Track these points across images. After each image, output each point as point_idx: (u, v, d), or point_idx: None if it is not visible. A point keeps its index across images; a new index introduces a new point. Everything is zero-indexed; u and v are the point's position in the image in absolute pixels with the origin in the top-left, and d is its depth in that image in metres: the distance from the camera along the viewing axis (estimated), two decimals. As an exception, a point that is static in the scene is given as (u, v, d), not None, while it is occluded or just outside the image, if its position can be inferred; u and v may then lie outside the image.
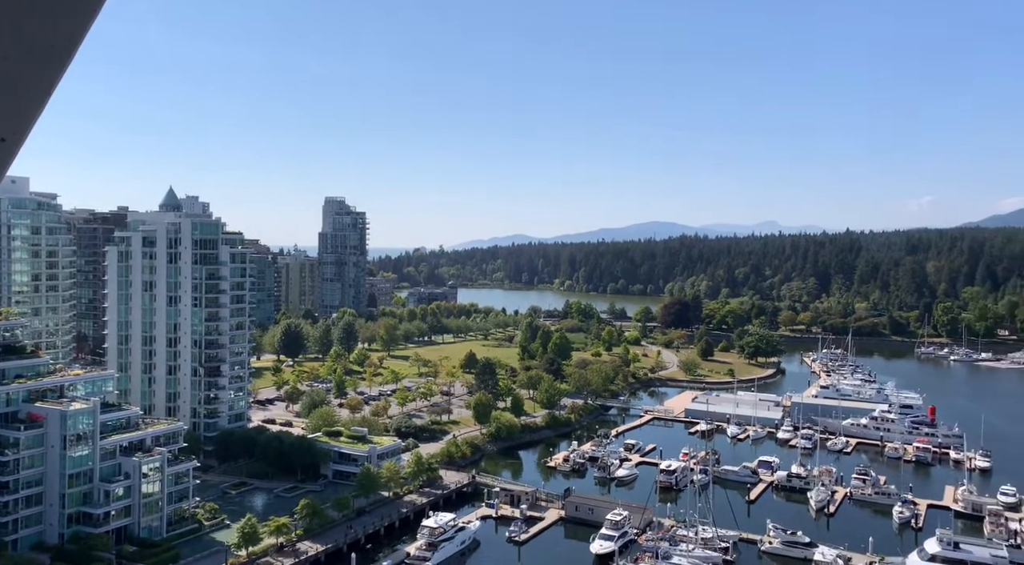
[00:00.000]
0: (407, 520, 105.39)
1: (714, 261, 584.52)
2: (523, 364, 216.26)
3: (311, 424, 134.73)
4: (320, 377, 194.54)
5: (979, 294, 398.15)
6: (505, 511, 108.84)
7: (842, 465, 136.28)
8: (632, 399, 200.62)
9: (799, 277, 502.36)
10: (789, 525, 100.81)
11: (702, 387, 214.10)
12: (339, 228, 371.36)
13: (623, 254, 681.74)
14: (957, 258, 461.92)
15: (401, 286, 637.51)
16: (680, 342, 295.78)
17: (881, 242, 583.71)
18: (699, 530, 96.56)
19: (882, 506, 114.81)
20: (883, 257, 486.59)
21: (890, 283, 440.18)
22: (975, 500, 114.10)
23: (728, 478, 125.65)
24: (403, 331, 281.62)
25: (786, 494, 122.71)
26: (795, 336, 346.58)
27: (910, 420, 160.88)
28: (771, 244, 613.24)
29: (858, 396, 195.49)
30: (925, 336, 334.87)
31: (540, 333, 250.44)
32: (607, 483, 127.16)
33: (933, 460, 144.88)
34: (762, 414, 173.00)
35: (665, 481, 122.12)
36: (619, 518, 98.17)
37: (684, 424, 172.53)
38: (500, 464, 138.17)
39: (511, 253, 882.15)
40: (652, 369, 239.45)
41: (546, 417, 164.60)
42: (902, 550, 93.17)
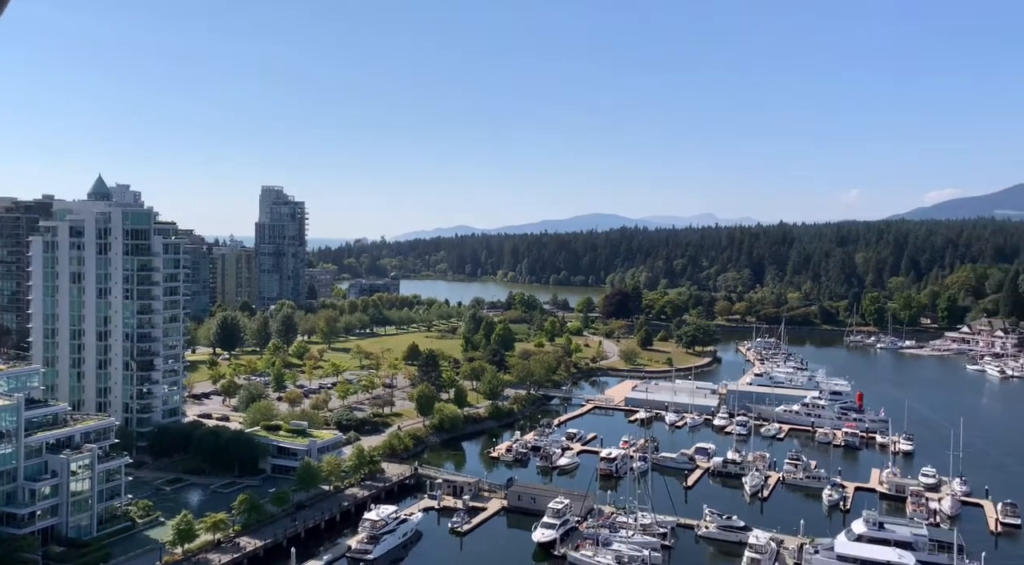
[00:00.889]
0: (348, 513, 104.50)
1: (653, 252, 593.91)
2: (466, 355, 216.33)
3: (249, 418, 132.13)
4: (258, 370, 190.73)
5: (904, 284, 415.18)
6: (448, 502, 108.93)
7: (775, 450, 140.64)
8: (574, 389, 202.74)
9: (735, 268, 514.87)
10: (725, 510, 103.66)
11: (642, 376, 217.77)
12: (277, 218, 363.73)
13: (565, 245, 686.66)
14: (884, 249, 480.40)
15: (342, 278, 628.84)
16: (621, 332, 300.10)
17: (813, 234, 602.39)
18: (638, 516, 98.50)
19: (813, 489, 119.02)
20: (814, 248, 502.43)
21: (821, 274, 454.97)
22: (899, 482, 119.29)
23: (666, 465, 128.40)
24: (344, 323, 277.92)
25: (722, 479, 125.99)
26: (731, 325, 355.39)
27: (839, 406, 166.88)
28: (708, 236, 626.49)
29: (790, 383, 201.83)
30: (854, 325, 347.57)
31: (483, 324, 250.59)
32: (549, 472, 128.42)
33: (861, 444, 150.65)
34: (699, 402, 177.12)
35: (606, 469, 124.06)
36: (560, 506, 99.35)
37: (624, 413, 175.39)
38: (443, 456, 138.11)
39: (454, 244, 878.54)
40: (593, 359, 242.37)
41: (489, 408, 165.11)
42: (831, 531, 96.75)
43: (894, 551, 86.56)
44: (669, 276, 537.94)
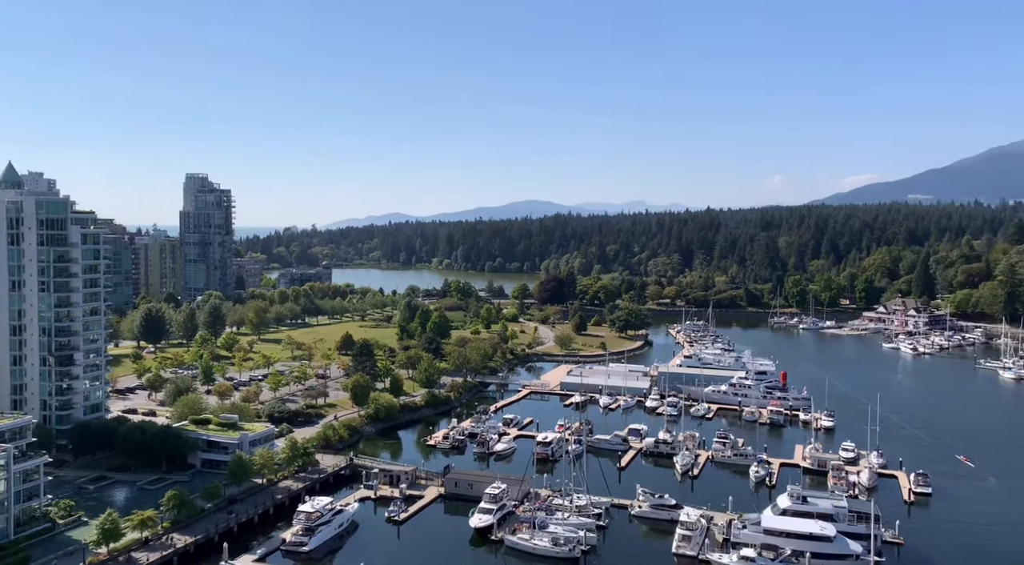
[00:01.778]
0: (282, 506, 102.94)
1: (587, 239, 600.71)
2: (402, 344, 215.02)
3: (176, 412, 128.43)
4: (185, 363, 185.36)
5: (824, 267, 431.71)
6: (384, 492, 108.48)
7: (704, 430, 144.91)
8: (510, 375, 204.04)
9: (665, 253, 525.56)
10: (657, 489, 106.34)
11: (576, 361, 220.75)
12: (202, 206, 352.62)
13: (500, 233, 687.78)
14: (805, 234, 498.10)
15: (271, 267, 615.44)
16: (556, 318, 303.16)
17: (738, 219, 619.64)
18: (574, 498, 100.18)
19: (740, 466, 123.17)
20: (740, 233, 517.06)
21: (746, 258, 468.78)
22: (820, 457, 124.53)
23: (601, 447, 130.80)
24: (274, 314, 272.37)
25: (654, 460, 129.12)
26: (661, 309, 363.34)
27: (765, 385, 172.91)
28: (639, 222, 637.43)
29: (718, 364, 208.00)
30: (777, 307, 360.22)
31: (419, 312, 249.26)
32: (486, 458, 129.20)
33: (785, 422, 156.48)
34: (632, 384, 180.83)
35: (542, 453, 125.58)
36: (497, 491, 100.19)
37: (560, 397, 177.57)
38: (379, 445, 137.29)
39: (388, 232, 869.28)
40: (529, 345, 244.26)
41: (426, 396, 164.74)
42: (758, 506, 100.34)
43: (816, 523, 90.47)
44: (602, 262, 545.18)
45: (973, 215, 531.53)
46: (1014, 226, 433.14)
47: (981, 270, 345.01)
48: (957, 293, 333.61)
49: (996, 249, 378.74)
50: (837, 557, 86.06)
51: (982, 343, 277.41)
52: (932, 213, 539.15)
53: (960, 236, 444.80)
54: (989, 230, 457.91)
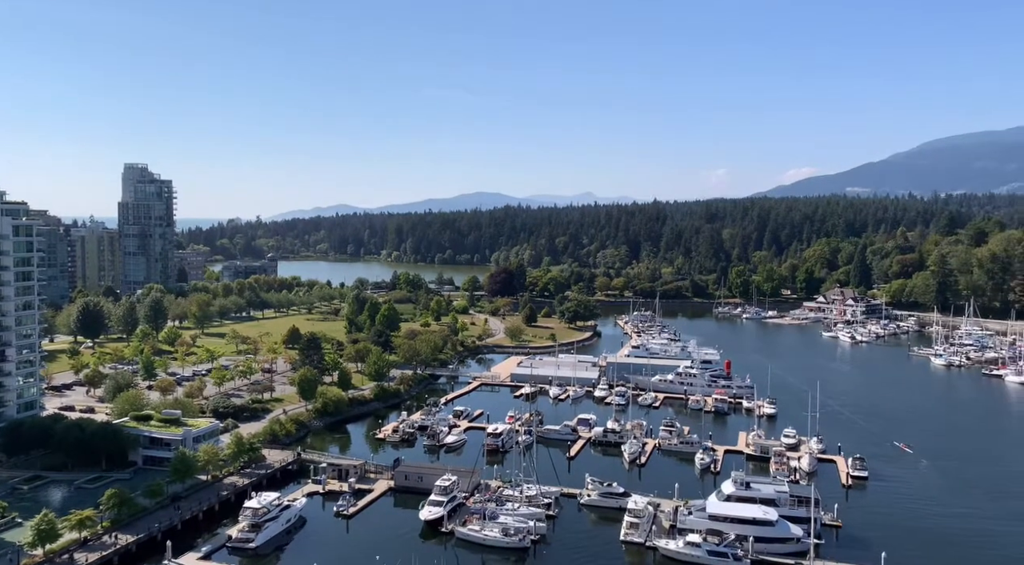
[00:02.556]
0: (228, 503, 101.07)
1: (536, 231, 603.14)
2: (350, 337, 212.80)
3: (117, 409, 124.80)
4: (125, 358, 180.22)
5: (766, 258, 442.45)
6: (333, 486, 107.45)
7: (652, 418, 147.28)
8: (461, 367, 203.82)
9: (613, 245, 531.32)
10: (605, 477, 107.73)
11: (527, 352, 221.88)
12: (142, 197, 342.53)
13: (450, 224, 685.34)
14: (748, 225, 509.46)
15: (215, 259, 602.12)
16: (506, 310, 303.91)
17: (684, 211, 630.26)
18: (523, 489, 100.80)
19: (686, 454, 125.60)
20: (686, 225, 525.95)
21: (692, 249, 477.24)
22: (763, 443, 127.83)
23: (551, 437, 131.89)
24: (218, 307, 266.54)
25: (603, 449, 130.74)
26: (610, 300, 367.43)
27: (709, 374, 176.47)
28: (588, 214, 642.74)
29: (665, 354, 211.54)
30: (722, 297, 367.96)
31: (367, 305, 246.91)
32: (436, 451, 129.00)
33: (729, 410, 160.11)
34: (581, 375, 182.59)
35: (492, 444, 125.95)
36: (447, 483, 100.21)
37: (510, 388, 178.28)
38: (327, 439, 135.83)
39: (335, 224, 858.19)
40: (480, 337, 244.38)
41: (375, 389, 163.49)
42: (704, 492, 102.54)
43: (759, 508, 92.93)
44: (552, 254, 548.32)
45: (907, 207, 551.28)
46: (945, 218, 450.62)
47: (914, 261, 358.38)
48: (892, 283, 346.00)
49: (928, 240, 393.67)
50: (779, 541, 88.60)
51: (915, 331, 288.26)
52: (869, 206, 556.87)
53: (895, 228, 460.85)
54: (922, 222, 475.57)
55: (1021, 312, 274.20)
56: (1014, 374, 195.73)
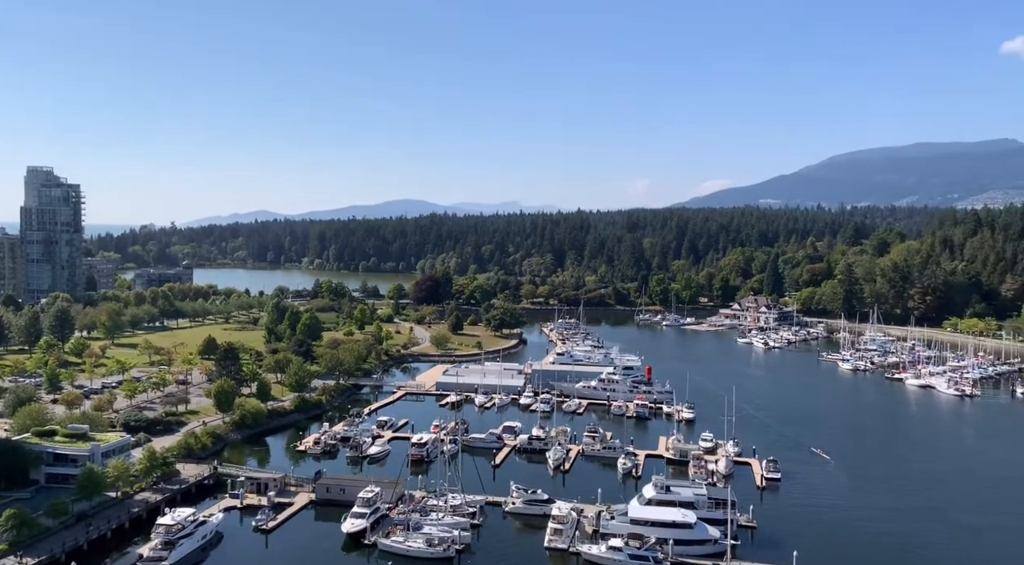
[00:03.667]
0: (139, 520, 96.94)
1: (463, 239, 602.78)
2: (270, 347, 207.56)
3: (17, 424, 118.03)
4: (27, 371, 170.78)
5: (685, 266, 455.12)
6: (251, 500, 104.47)
7: (576, 425, 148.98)
8: (385, 376, 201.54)
9: (538, 253, 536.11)
10: (530, 484, 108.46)
11: (452, 360, 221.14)
12: (47, 202, 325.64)
13: (375, 232, 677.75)
14: (668, 235, 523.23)
15: (126, 267, 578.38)
16: (432, 318, 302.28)
17: (607, 221, 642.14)
18: (448, 498, 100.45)
19: (609, 459, 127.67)
20: (608, 234, 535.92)
21: (614, 258, 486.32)
22: (682, 447, 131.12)
23: (476, 445, 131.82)
24: (130, 317, 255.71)
25: (528, 456, 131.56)
26: (535, 308, 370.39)
27: (631, 380, 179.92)
28: (514, 223, 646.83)
29: (589, 361, 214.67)
30: (643, 304, 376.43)
31: (288, 314, 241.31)
32: (359, 462, 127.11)
33: (650, 415, 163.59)
34: (507, 382, 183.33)
35: (416, 454, 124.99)
36: (371, 495, 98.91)
37: (435, 397, 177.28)
38: (246, 452, 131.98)
39: (254, 230, 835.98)
40: (405, 345, 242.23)
41: (296, 400, 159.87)
42: (625, 497, 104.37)
43: (679, 511, 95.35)
44: (478, 262, 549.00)
45: (816, 218, 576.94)
46: (851, 229, 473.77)
47: (823, 269, 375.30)
48: (802, 291, 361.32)
49: (836, 250, 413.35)
50: (697, 542, 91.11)
51: (824, 337, 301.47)
52: (780, 216, 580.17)
53: (805, 238, 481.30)
54: (830, 232, 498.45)
55: (920, 319, 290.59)
56: (913, 377, 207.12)
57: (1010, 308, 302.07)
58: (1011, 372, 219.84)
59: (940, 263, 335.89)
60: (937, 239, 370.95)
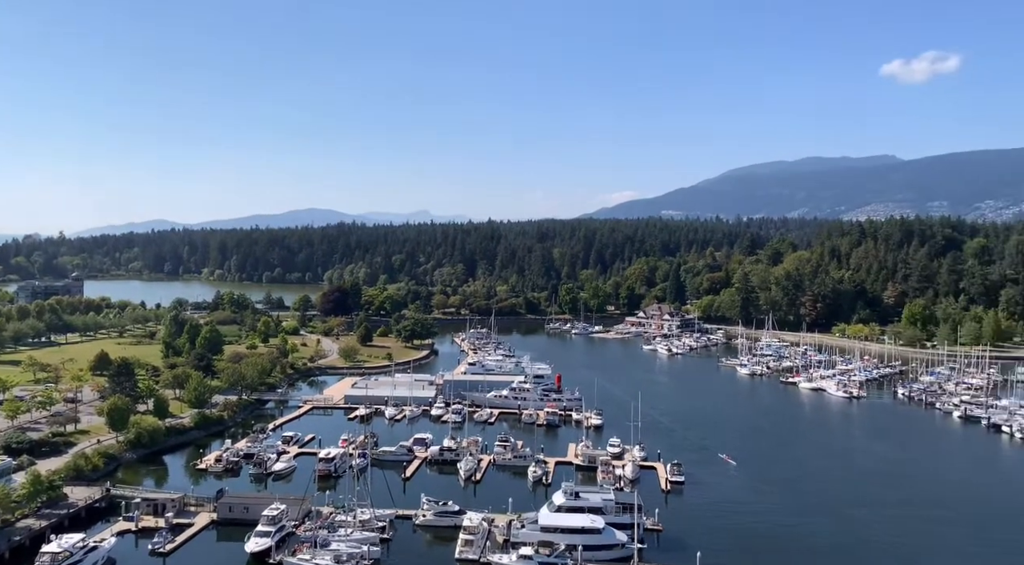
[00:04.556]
0: (22, 548, 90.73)
1: (372, 248, 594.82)
2: (167, 362, 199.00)
3: None
4: None
5: (592, 276, 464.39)
6: (148, 523, 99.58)
7: (487, 434, 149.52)
8: (291, 390, 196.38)
9: (450, 263, 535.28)
10: (441, 496, 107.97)
11: (362, 372, 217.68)
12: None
13: (279, 241, 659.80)
14: (576, 245, 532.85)
15: (8, 279, 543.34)
16: (340, 329, 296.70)
17: (517, 231, 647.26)
18: (357, 513, 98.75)
19: (519, 468, 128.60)
20: (519, 244, 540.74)
21: (525, 267, 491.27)
22: (590, 453, 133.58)
23: (386, 459, 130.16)
24: (12, 332, 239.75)
25: (439, 467, 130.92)
26: (447, 318, 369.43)
27: (542, 388, 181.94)
28: (424, 232, 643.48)
29: (500, 370, 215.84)
30: (553, 313, 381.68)
31: (187, 327, 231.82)
32: (264, 479, 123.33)
33: (560, 422, 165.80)
34: (417, 394, 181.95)
35: (324, 469, 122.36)
36: (276, 513, 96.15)
37: (344, 411, 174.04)
38: (142, 473, 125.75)
39: (151, 240, 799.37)
40: (312, 358, 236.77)
41: (195, 417, 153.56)
42: (536, 505, 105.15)
43: (587, 517, 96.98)
44: (388, 272, 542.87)
45: (715, 229, 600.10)
46: (747, 239, 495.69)
47: (721, 278, 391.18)
48: (703, 299, 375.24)
49: (733, 259, 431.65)
50: (605, 548, 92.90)
51: (723, 343, 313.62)
52: (682, 227, 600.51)
53: (705, 248, 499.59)
54: (728, 243, 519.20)
55: (811, 325, 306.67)
56: (806, 381, 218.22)
57: (891, 314, 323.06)
58: (892, 374, 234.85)
59: (828, 272, 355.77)
60: (825, 249, 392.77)
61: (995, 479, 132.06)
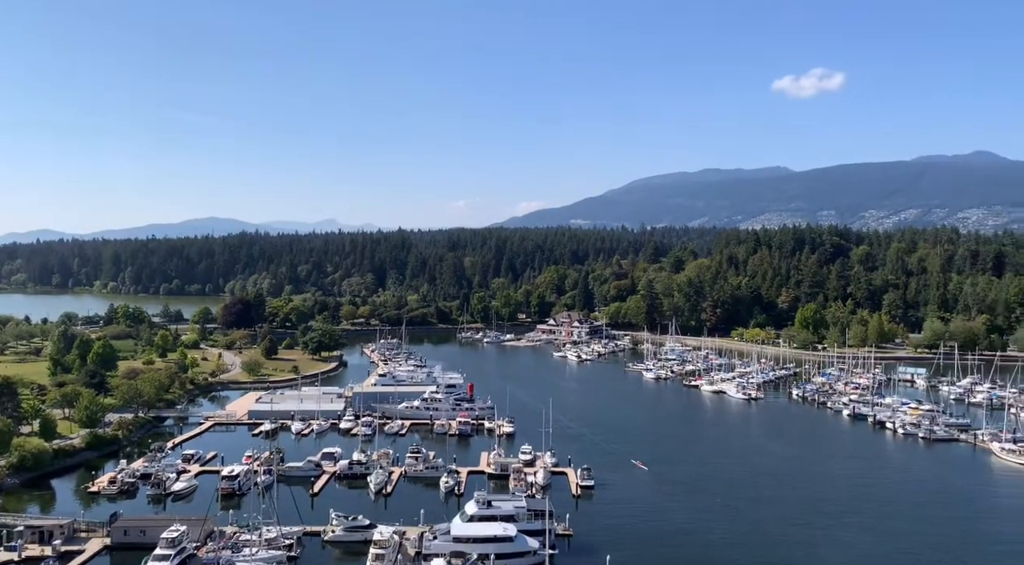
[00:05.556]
0: None
1: (277, 258, 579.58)
2: (55, 380, 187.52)
3: None
4: None
5: (504, 284, 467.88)
6: (32, 552, 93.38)
7: (398, 446, 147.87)
8: (191, 407, 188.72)
9: (359, 273, 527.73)
10: (351, 511, 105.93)
11: (266, 387, 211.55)
12: None
13: (178, 252, 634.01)
14: (487, 254, 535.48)
15: None
16: (243, 342, 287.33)
17: (428, 240, 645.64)
18: (263, 531, 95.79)
19: (431, 479, 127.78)
20: (430, 253, 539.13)
21: (436, 276, 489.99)
22: (503, 461, 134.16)
23: (293, 475, 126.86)
24: None
25: (348, 482, 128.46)
26: (356, 329, 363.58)
27: (454, 398, 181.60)
28: (332, 241, 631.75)
29: (412, 381, 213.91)
30: (464, 322, 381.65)
31: (78, 342, 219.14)
32: (162, 500, 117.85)
33: (472, 431, 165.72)
34: (326, 407, 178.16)
35: (227, 487, 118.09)
36: (175, 535, 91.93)
37: (248, 427, 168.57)
38: (26, 498, 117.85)
39: (36, 251, 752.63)
40: (213, 373, 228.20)
41: (87, 437, 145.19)
42: (448, 516, 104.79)
43: (500, 525, 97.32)
44: (294, 282, 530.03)
45: (620, 238, 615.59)
46: (651, 248, 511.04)
47: (628, 286, 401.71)
48: (610, 306, 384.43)
49: (638, 267, 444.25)
50: (517, 555, 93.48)
51: (630, 349, 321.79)
52: (590, 236, 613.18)
53: (611, 256, 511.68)
54: (633, 251, 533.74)
55: (711, 329, 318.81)
56: (707, 384, 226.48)
57: (785, 318, 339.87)
58: (787, 375, 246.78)
59: (727, 279, 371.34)
60: (724, 257, 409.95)
61: (879, 473, 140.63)
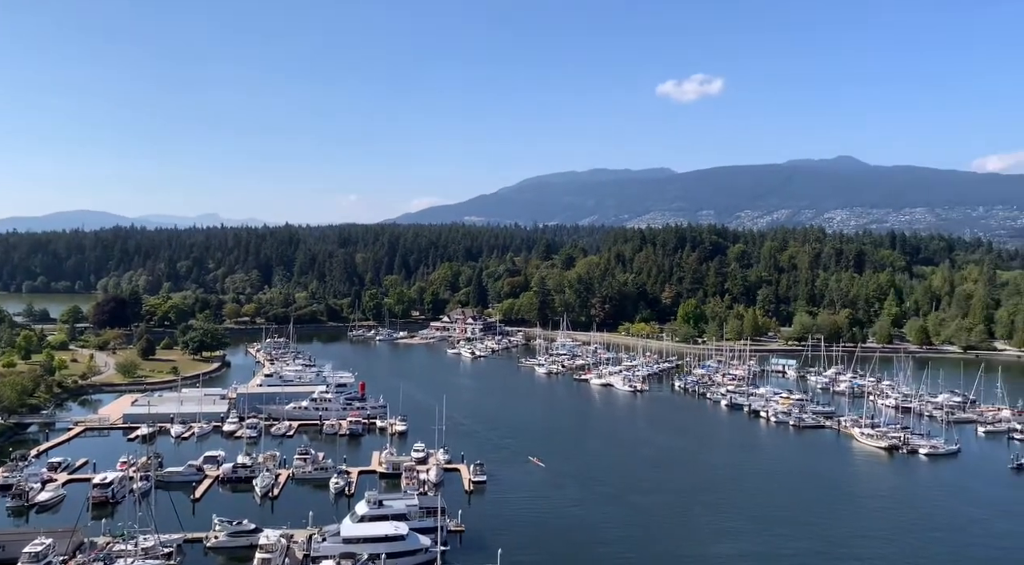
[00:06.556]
0: None
1: (154, 254, 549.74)
2: None
3: None
4: None
5: (397, 281, 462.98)
6: None
7: (286, 448, 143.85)
8: (58, 411, 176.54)
9: (243, 269, 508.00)
10: (235, 515, 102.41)
11: (143, 389, 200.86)
12: None
13: (43, 247, 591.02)
14: (380, 250, 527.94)
15: None
16: (117, 343, 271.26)
17: (317, 236, 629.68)
18: (139, 540, 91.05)
19: (320, 480, 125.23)
20: (319, 249, 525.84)
21: (326, 273, 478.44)
22: (394, 460, 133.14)
23: (173, 480, 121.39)
24: None
25: (232, 486, 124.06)
26: (240, 328, 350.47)
27: (344, 397, 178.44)
28: (214, 237, 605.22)
29: (300, 381, 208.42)
30: (356, 320, 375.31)
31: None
32: (25, 512, 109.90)
33: (364, 431, 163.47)
34: (208, 409, 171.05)
35: (99, 496, 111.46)
36: (40, 548, 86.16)
37: (123, 431, 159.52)
38: None
39: None
40: (84, 375, 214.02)
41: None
42: (338, 517, 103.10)
43: (391, 524, 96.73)
44: (173, 279, 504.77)
45: (514, 235, 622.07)
46: (543, 245, 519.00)
47: (521, 282, 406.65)
48: (504, 302, 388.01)
49: (531, 264, 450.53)
50: (409, 553, 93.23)
51: (523, 344, 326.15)
52: (483, 233, 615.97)
53: (505, 253, 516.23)
54: (526, 248, 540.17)
55: (600, 325, 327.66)
56: (596, 377, 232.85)
57: (669, 313, 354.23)
58: (670, 368, 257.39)
59: (615, 275, 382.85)
60: (612, 254, 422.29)
61: (753, 460, 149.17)
